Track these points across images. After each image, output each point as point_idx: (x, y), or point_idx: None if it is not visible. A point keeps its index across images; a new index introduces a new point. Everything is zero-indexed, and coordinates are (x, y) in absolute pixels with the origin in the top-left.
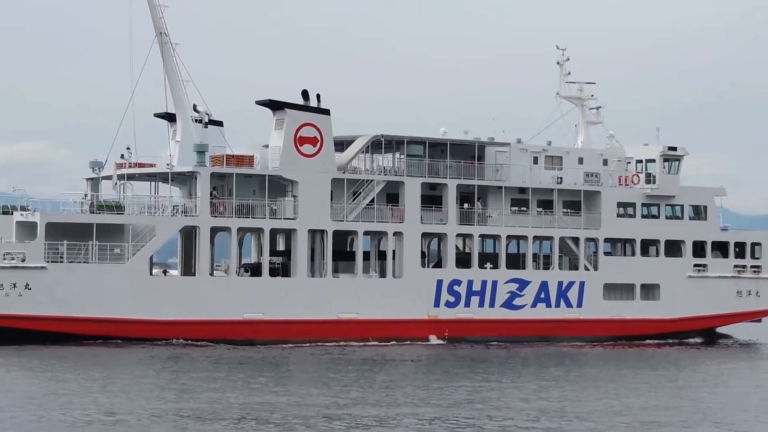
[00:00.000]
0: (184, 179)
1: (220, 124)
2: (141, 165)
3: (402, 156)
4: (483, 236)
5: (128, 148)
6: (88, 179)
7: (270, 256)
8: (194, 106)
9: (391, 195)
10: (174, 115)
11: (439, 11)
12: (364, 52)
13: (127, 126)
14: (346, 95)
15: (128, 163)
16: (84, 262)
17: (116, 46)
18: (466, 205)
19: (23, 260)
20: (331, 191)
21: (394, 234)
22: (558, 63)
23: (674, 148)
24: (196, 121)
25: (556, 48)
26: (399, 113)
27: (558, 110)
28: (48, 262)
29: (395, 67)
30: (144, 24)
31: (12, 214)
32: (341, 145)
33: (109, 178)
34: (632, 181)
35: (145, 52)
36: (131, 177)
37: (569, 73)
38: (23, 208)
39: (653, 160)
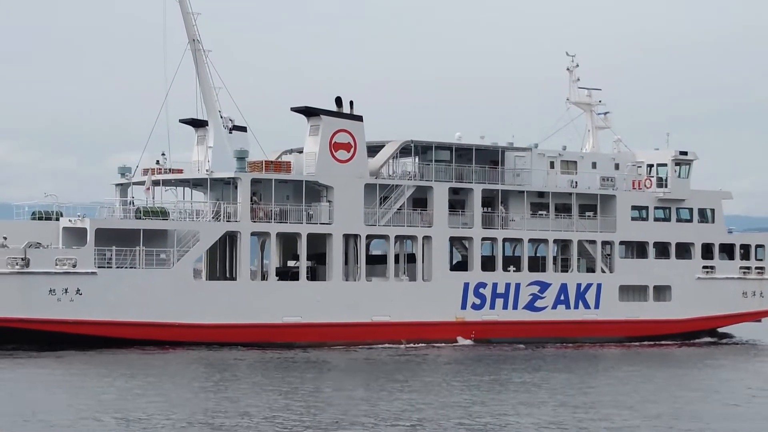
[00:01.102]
0: (213, 185)
1: (243, 129)
2: (171, 171)
3: (429, 161)
4: (506, 240)
5: (163, 154)
6: (117, 185)
7: (294, 260)
8: (219, 111)
9: (417, 199)
10: (200, 120)
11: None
12: (383, 59)
13: (139, 131)
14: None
15: (161, 168)
16: (131, 268)
17: (137, 54)
18: (487, 209)
19: (74, 266)
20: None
21: (424, 238)
22: (568, 69)
23: (685, 153)
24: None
25: (566, 54)
26: (413, 118)
27: (567, 115)
28: (98, 267)
29: (414, 75)
30: (176, 31)
31: (53, 219)
32: (369, 150)
33: (140, 183)
34: (645, 185)
35: (174, 59)
36: (167, 183)
37: (578, 79)
38: (59, 214)
39: (665, 165)
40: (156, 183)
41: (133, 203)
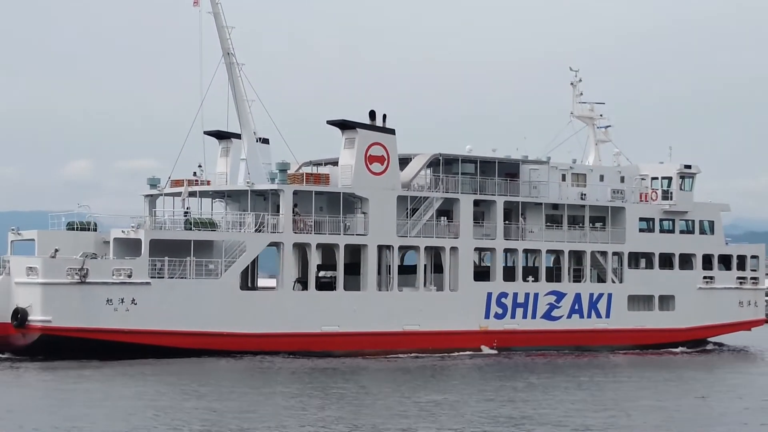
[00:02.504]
0: (238, 196)
1: (266, 141)
2: (197, 182)
3: (455, 174)
4: (526, 251)
5: (200, 166)
6: (145, 196)
7: (318, 270)
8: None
9: (441, 211)
10: (225, 132)
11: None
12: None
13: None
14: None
15: (197, 180)
16: (181, 278)
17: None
18: (506, 221)
19: (129, 276)
20: None
21: (450, 249)
22: (571, 84)
23: (689, 166)
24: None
25: (570, 69)
26: (426, 129)
27: (570, 128)
28: (152, 277)
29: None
30: (211, 44)
31: (90, 230)
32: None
33: (174, 195)
34: (651, 198)
35: (206, 72)
36: (204, 194)
37: (581, 94)
38: (83, 225)
39: (669, 178)
40: (192, 194)
41: (188, 213)
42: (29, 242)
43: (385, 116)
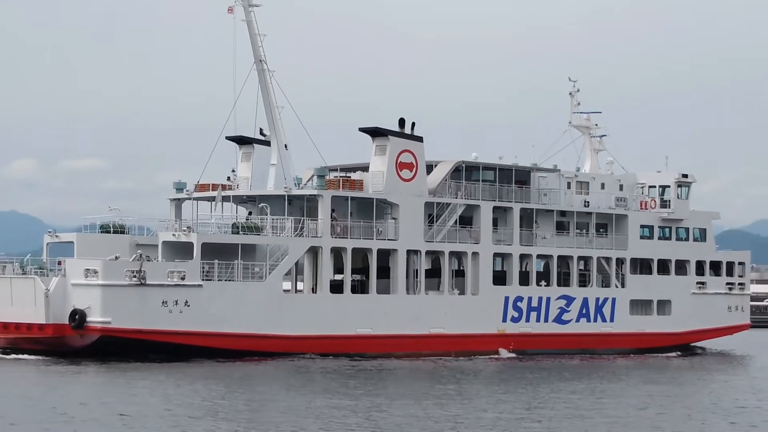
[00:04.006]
0: (267, 200)
1: (284, 147)
2: (223, 187)
3: (475, 181)
4: (540, 256)
5: (233, 171)
6: (171, 200)
7: (337, 274)
8: (260, 130)
9: (461, 217)
10: (246, 138)
11: None
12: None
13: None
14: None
15: (230, 185)
16: (229, 280)
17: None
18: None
19: (182, 278)
20: None
21: (472, 254)
22: (570, 94)
23: (686, 176)
24: (265, 144)
25: (569, 80)
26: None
27: (566, 137)
28: (203, 280)
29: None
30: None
31: (125, 233)
32: None
33: (204, 199)
34: (651, 206)
35: (219, 75)
36: (237, 198)
37: (579, 104)
38: (117, 228)
39: (668, 186)
40: (226, 199)
41: (237, 218)
42: (67, 245)
43: (413, 124)
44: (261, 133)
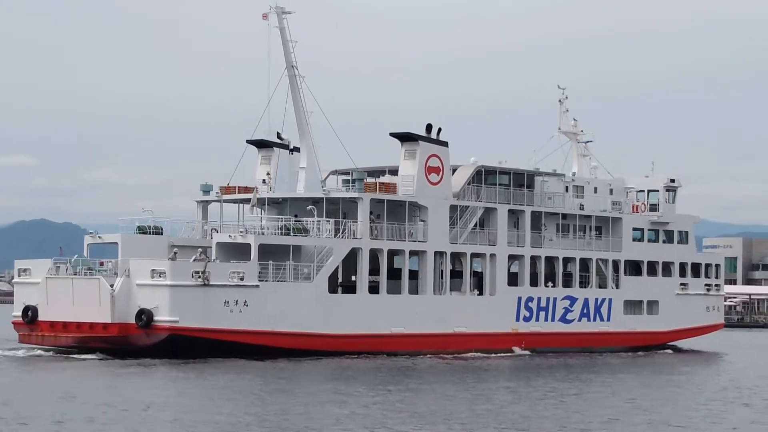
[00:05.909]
0: (279, 204)
1: (297, 150)
2: (247, 190)
3: (492, 185)
4: (548, 258)
5: (268, 174)
6: (198, 201)
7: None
8: (278, 133)
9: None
10: (267, 141)
11: None
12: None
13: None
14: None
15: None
16: (282, 281)
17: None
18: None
19: (242, 279)
20: None
21: (490, 256)
22: (559, 101)
23: (674, 180)
24: (283, 147)
25: (558, 87)
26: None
27: (553, 142)
28: (260, 280)
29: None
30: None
31: (162, 234)
32: None
33: (231, 201)
34: (640, 209)
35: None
36: (272, 201)
37: (567, 111)
38: (155, 229)
39: (656, 190)
40: (261, 201)
41: (288, 221)
42: (111, 246)
43: (440, 129)
44: (278, 136)
